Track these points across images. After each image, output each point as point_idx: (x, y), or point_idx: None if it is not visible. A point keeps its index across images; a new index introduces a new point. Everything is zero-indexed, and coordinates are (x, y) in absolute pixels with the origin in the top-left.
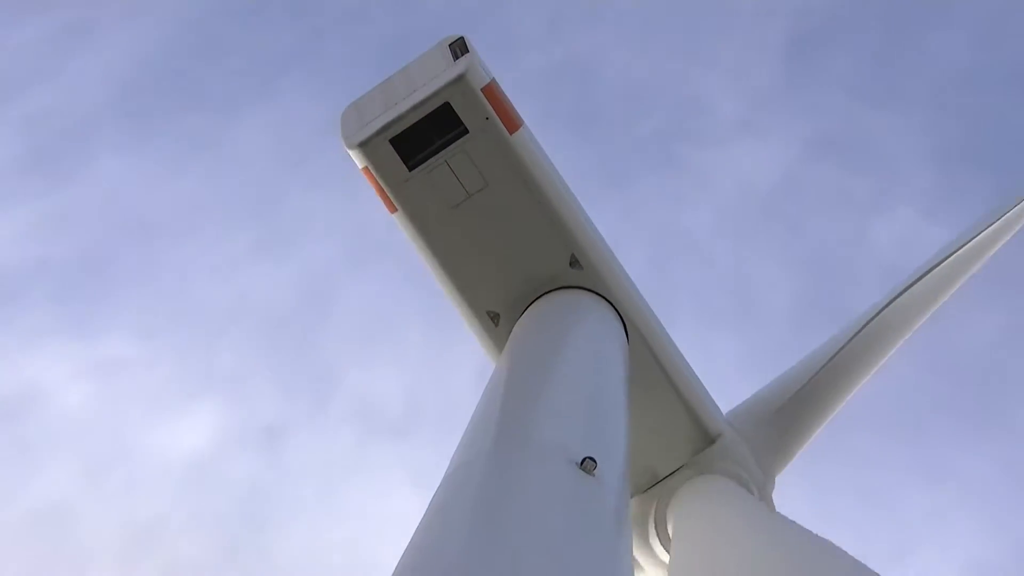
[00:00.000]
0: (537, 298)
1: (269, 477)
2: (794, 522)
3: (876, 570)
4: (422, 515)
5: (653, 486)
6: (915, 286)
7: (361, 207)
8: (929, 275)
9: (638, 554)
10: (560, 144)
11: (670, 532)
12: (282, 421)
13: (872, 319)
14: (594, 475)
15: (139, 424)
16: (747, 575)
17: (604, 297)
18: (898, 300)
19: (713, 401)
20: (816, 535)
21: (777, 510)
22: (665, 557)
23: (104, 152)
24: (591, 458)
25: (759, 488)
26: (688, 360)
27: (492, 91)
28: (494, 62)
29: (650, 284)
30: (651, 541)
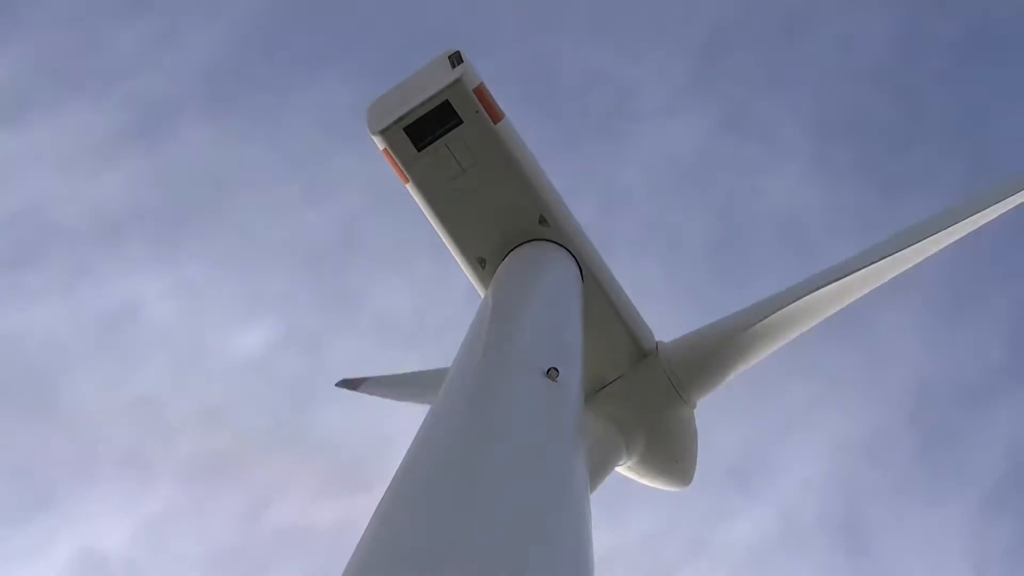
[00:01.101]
0: (514, 248)
1: (310, 373)
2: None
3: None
4: (429, 410)
5: (601, 388)
6: (857, 272)
7: (380, 170)
8: (873, 264)
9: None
10: (530, 122)
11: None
12: (320, 330)
13: (815, 289)
14: (557, 381)
15: (211, 332)
16: None
17: (564, 247)
18: (843, 279)
19: (646, 324)
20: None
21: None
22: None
23: (190, 124)
24: (555, 368)
25: (658, 408)
26: (625, 289)
27: (481, 91)
28: (479, 60)
29: (596, 228)
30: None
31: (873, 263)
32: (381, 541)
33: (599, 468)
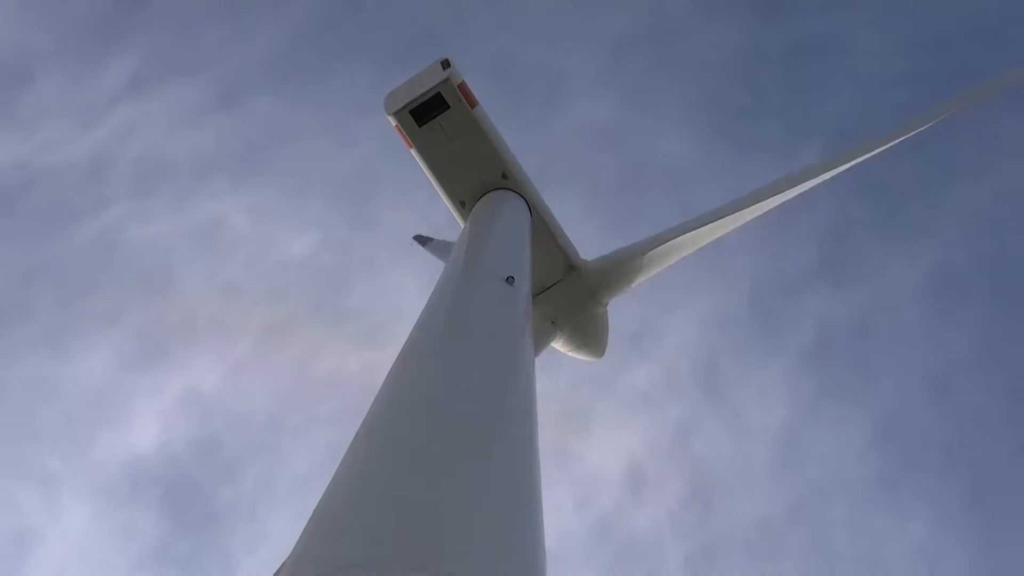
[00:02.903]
0: (484, 194)
1: (342, 267)
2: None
3: None
4: (427, 299)
5: (543, 291)
6: (724, 217)
7: (391, 133)
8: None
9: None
10: (493, 100)
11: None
12: (349, 238)
13: (693, 228)
14: (513, 286)
15: (273, 238)
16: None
17: (519, 194)
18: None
19: (575, 247)
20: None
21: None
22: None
23: (257, 97)
24: (512, 276)
25: (582, 304)
26: (559, 221)
27: (463, 86)
28: (459, 57)
29: (538, 172)
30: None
31: (735, 211)
32: (397, 383)
33: (539, 344)
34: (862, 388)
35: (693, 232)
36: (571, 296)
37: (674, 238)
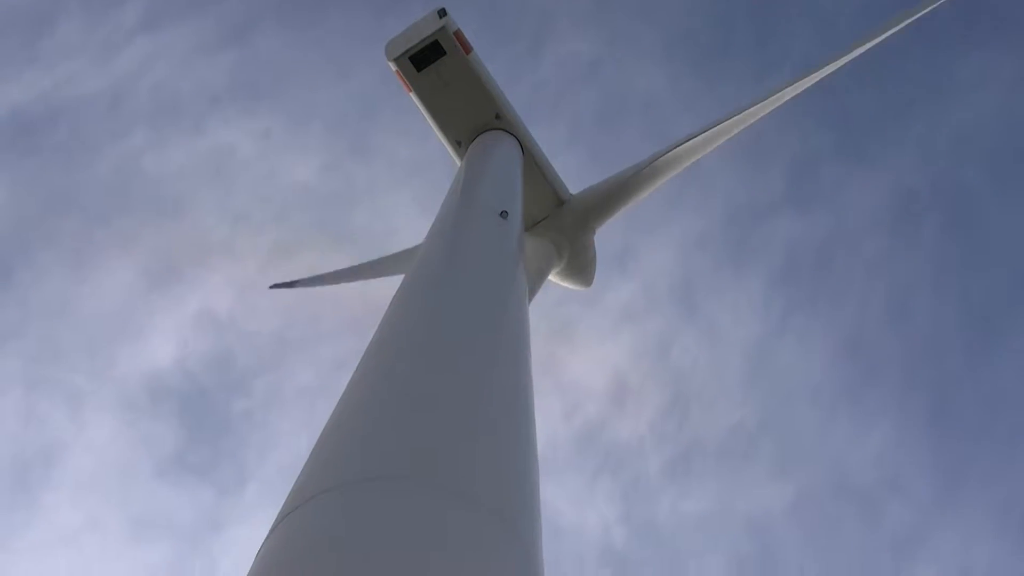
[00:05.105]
0: (479, 134)
1: (344, 189)
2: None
3: None
4: (431, 225)
5: (534, 225)
6: (691, 140)
7: (390, 75)
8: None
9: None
10: (486, 45)
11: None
12: (350, 163)
13: (663, 154)
14: (506, 220)
15: (279, 163)
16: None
17: (512, 133)
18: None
19: (563, 182)
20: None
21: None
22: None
23: (263, 35)
24: (505, 211)
25: (578, 236)
26: (548, 156)
27: (458, 34)
28: (455, 9)
29: (526, 113)
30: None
31: (707, 132)
32: (400, 310)
33: (542, 273)
34: (828, 306)
35: (670, 154)
36: (561, 228)
37: (652, 163)
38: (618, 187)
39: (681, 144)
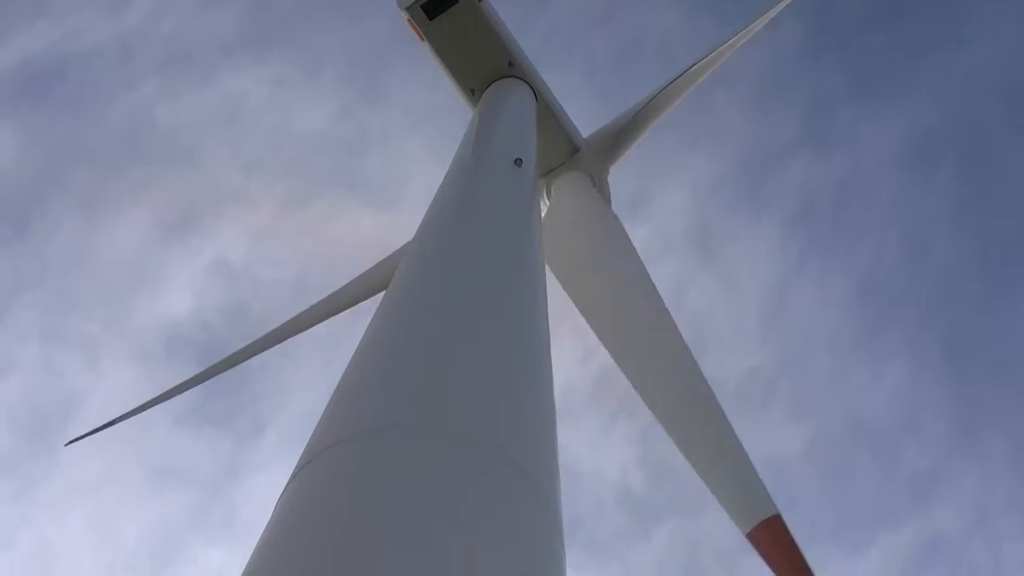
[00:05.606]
0: (492, 82)
1: (357, 135)
2: (616, 226)
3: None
4: (445, 173)
5: (548, 172)
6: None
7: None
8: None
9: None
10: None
11: (548, 200)
12: (364, 109)
13: (667, 85)
14: (521, 168)
15: (292, 111)
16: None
17: (525, 80)
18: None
19: (576, 128)
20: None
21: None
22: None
23: None
24: (519, 159)
25: (598, 177)
26: (561, 101)
27: None
28: None
29: (539, 58)
30: (544, 197)
31: (707, 59)
32: (417, 259)
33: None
34: (844, 248)
35: (676, 82)
36: (576, 172)
37: (657, 94)
38: (627, 121)
39: (684, 73)
